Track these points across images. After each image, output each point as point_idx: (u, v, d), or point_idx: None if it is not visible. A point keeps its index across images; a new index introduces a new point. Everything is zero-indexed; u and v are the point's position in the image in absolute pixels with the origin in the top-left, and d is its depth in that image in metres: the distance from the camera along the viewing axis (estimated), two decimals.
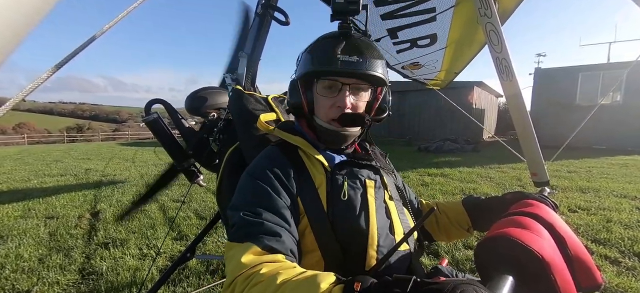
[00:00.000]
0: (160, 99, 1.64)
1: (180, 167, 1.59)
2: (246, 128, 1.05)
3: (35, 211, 3.51)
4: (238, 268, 0.56)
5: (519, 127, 1.37)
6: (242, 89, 1.23)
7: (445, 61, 2.26)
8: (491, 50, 1.34)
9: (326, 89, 0.75)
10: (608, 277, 1.94)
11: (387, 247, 0.72)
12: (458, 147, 9.92)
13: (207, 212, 3.37)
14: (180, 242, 2.61)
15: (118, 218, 3.19)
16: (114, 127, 60.15)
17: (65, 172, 6.53)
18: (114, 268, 2.14)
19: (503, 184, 4.69)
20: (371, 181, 0.78)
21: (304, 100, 0.78)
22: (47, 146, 17.96)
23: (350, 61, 0.70)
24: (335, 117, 0.75)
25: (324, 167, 0.76)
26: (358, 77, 0.74)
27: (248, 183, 0.72)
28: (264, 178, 0.71)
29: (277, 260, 0.58)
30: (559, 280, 0.51)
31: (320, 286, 0.46)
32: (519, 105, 1.34)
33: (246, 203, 0.67)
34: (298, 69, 0.80)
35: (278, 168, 0.73)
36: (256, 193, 0.69)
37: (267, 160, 0.76)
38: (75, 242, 2.61)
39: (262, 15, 1.41)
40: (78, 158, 9.16)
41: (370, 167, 0.81)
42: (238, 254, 0.58)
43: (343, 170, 0.77)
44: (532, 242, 0.54)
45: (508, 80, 1.32)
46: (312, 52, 0.76)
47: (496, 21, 1.25)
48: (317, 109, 0.78)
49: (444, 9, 1.64)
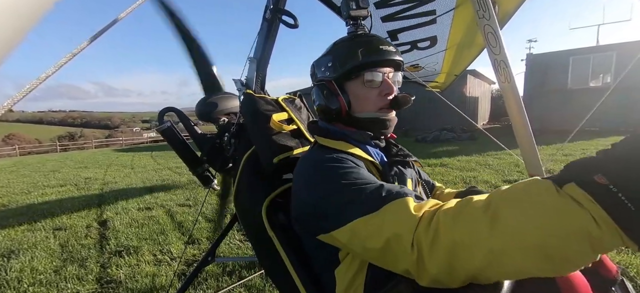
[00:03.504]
0: (173, 107, 1.66)
1: (194, 173, 1.62)
2: (260, 127, 1.07)
3: (41, 223, 3.50)
4: (415, 212, 0.51)
5: (516, 126, 1.38)
6: (253, 93, 1.26)
7: (445, 63, 2.28)
8: (490, 53, 1.34)
9: (370, 81, 0.77)
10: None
11: None
12: (455, 136, 10.05)
13: (215, 215, 3.40)
14: (193, 246, 2.64)
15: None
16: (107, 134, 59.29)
17: (65, 182, 6.47)
18: (131, 275, 2.17)
19: (502, 171, 4.79)
20: (410, 179, 0.81)
21: (342, 100, 0.79)
22: (40, 156, 17.67)
23: (390, 50, 0.77)
24: (383, 105, 0.78)
25: (375, 165, 0.77)
26: (395, 65, 0.80)
27: (329, 169, 0.67)
28: (341, 162, 0.69)
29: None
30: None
31: (549, 187, 0.42)
32: (517, 106, 1.35)
33: (347, 183, 0.62)
34: (338, 69, 0.78)
35: (345, 160, 0.71)
36: (348, 173, 0.64)
37: (325, 155, 0.73)
38: (88, 252, 2.62)
39: (271, 20, 1.43)
40: (75, 168, 9.06)
41: (408, 164, 0.85)
42: (399, 208, 0.53)
43: (392, 170, 0.79)
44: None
45: (507, 81, 1.33)
46: (352, 51, 0.76)
47: (494, 23, 1.26)
48: (360, 104, 0.78)
49: (445, 12, 1.66)
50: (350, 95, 0.79)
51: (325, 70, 0.82)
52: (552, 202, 0.40)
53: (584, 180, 0.39)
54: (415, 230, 0.49)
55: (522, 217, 0.41)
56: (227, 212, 1.99)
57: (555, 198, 0.40)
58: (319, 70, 0.84)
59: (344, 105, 0.79)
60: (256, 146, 1.09)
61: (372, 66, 0.77)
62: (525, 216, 0.41)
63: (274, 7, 1.41)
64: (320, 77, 0.83)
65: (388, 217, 0.53)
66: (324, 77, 0.82)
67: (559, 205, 0.39)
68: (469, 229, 0.45)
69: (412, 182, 0.82)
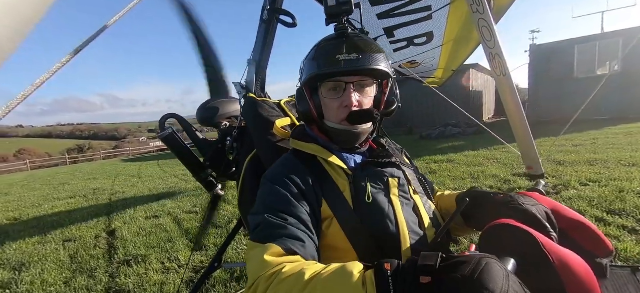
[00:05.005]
0: (174, 114, 1.65)
1: (198, 179, 1.61)
2: (263, 135, 1.06)
3: (51, 236, 3.54)
4: (261, 267, 0.57)
5: (513, 122, 1.38)
6: (255, 96, 1.24)
7: (442, 59, 2.26)
8: (485, 47, 1.34)
9: (331, 91, 0.76)
10: (627, 246, 1.96)
11: (419, 242, 0.72)
12: (460, 132, 9.93)
13: (222, 221, 3.40)
14: (201, 253, 2.63)
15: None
16: (114, 145, 60.17)
17: (74, 194, 6.56)
18: (140, 284, 2.17)
19: (511, 164, 4.69)
20: (394, 179, 0.78)
21: (312, 106, 0.80)
22: (51, 169, 17.99)
23: (350, 59, 0.72)
24: (344, 117, 0.76)
25: (345, 171, 0.76)
26: (360, 74, 0.75)
27: (268, 189, 0.73)
28: (283, 185, 0.72)
29: (299, 261, 0.59)
30: (556, 262, 0.51)
31: (352, 274, 0.46)
32: (513, 101, 1.35)
33: (268, 207, 0.68)
34: (302, 77, 0.81)
35: (296, 175, 0.74)
36: (277, 199, 0.70)
37: (285, 168, 0.77)
38: (98, 263, 2.64)
39: (268, 21, 1.42)
40: (84, 179, 9.19)
41: (391, 165, 0.81)
42: (260, 254, 0.58)
43: (365, 172, 0.77)
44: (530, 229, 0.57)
45: (502, 75, 1.32)
46: (314, 58, 0.77)
47: (488, 17, 1.25)
48: (326, 112, 0.79)
49: (440, 8, 1.64)
50: (322, 102, 0.79)
51: (300, 74, 0.83)
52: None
53: (407, 280, 0.43)
54: (256, 281, 0.56)
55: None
56: (212, 222, 2.00)
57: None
58: (300, 73, 0.84)
59: (312, 112, 0.80)
60: (259, 152, 1.07)
61: (328, 77, 0.75)
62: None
63: (271, 7, 1.39)
64: (299, 81, 0.84)
65: (256, 253, 0.60)
66: (300, 81, 0.83)
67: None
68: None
69: (398, 182, 0.78)
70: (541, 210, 0.66)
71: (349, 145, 0.81)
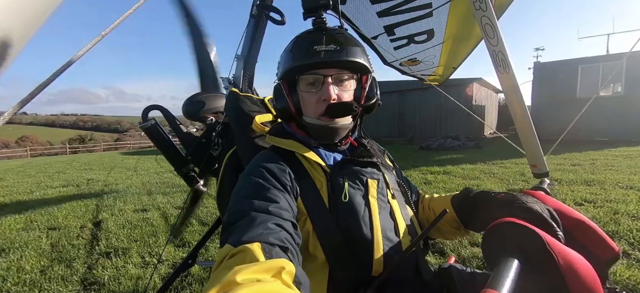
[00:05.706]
0: (158, 105, 1.62)
1: (179, 173, 1.57)
2: (242, 130, 1.03)
3: (37, 223, 3.50)
4: (218, 261, 0.52)
5: (517, 118, 1.37)
6: (239, 91, 1.22)
7: (443, 56, 2.26)
8: (487, 44, 1.33)
9: (309, 85, 0.74)
10: (618, 270, 1.90)
11: (393, 248, 0.69)
12: (460, 144, 9.88)
13: (209, 218, 3.35)
14: (183, 249, 2.58)
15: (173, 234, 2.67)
16: (116, 137, 60.33)
17: (68, 183, 6.53)
18: (116, 277, 2.12)
19: (507, 180, 4.64)
20: (373, 181, 0.75)
21: (290, 102, 0.77)
22: (49, 158, 18.03)
23: (328, 50, 0.70)
24: (322, 111, 0.73)
25: (323, 168, 0.74)
26: (338, 66, 0.73)
27: (243, 182, 0.70)
28: (260, 175, 0.69)
29: (245, 251, 0.50)
30: (562, 262, 0.49)
31: None
32: (516, 97, 1.33)
33: (241, 199, 0.64)
34: (279, 70, 0.78)
35: (274, 167, 0.71)
36: (252, 189, 0.66)
37: (263, 160, 0.74)
38: (77, 253, 2.59)
39: (257, 16, 1.40)
40: (80, 169, 9.17)
41: (371, 165, 0.78)
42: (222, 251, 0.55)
43: (344, 170, 0.74)
44: (533, 226, 0.54)
45: (505, 72, 1.31)
46: (292, 50, 0.75)
47: (491, 14, 1.24)
48: (305, 108, 0.76)
49: (440, 5, 1.63)
50: (300, 98, 0.76)
51: (278, 68, 0.80)
52: None
53: None
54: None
55: None
56: (198, 218, 1.95)
57: None
58: (278, 68, 0.81)
59: (291, 107, 0.77)
60: (238, 147, 1.05)
61: (305, 69, 0.73)
62: None
63: (260, 2, 1.37)
64: (276, 76, 0.81)
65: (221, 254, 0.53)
66: (277, 75, 0.81)
67: None
68: None
69: (378, 183, 0.76)
70: (545, 209, 0.64)
71: (327, 141, 0.78)
